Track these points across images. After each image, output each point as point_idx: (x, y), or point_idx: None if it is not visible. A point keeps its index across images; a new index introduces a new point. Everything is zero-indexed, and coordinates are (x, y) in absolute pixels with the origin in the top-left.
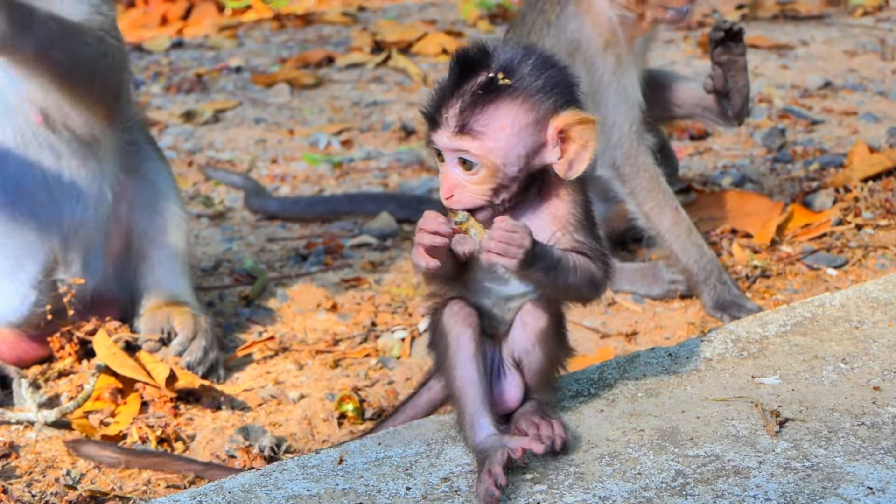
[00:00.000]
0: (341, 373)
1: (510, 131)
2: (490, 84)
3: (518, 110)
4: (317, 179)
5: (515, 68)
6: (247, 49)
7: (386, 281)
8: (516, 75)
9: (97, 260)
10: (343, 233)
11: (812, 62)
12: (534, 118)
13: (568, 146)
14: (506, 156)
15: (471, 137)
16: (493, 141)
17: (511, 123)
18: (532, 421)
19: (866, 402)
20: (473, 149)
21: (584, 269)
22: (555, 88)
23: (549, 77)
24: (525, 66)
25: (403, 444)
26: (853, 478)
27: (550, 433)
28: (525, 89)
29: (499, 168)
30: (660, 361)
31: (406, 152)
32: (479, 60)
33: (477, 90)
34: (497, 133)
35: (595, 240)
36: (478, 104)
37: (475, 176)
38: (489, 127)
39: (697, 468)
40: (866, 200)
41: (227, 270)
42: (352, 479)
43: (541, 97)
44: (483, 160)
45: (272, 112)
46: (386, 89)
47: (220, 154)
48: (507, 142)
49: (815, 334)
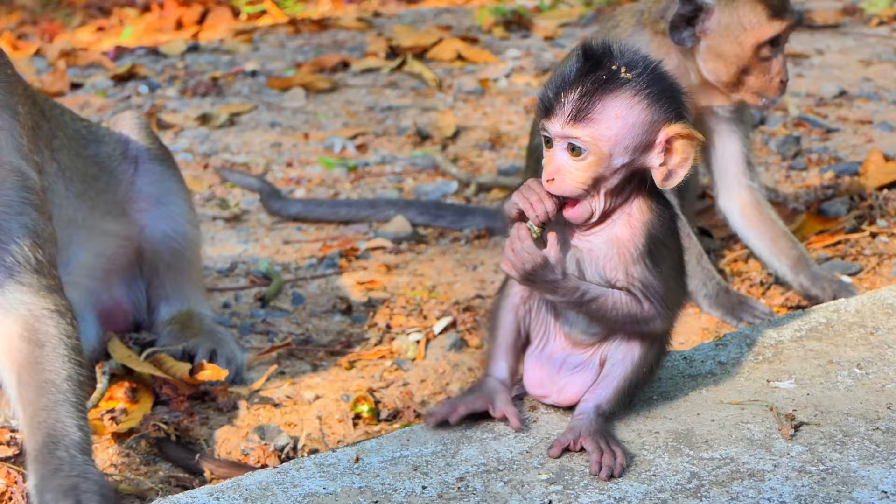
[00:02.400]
0: (356, 374)
1: (624, 122)
2: (613, 75)
3: (636, 105)
4: (332, 183)
5: (637, 68)
6: (262, 53)
7: (400, 284)
8: (640, 73)
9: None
10: (358, 236)
11: (827, 71)
12: (648, 118)
13: (670, 156)
14: (615, 145)
15: (584, 124)
16: (608, 129)
17: (627, 115)
18: (598, 444)
19: (881, 407)
20: (585, 135)
21: (622, 309)
22: (672, 98)
23: (666, 86)
24: (646, 69)
25: (420, 443)
26: (868, 482)
27: (612, 463)
28: (645, 89)
29: (606, 156)
30: (675, 365)
31: (421, 157)
32: (603, 54)
33: (599, 78)
34: (612, 121)
35: (654, 274)
36: (598, 92)
37: (582, 162)
38: (605, 114)
39: (712, 470)
40: (881, 208)
41: (243, 272)
42: (368, 478)
43: (658, 101)
44: (592, 146)
45: (287, 116)
46: (401, 94)
47: (235, 157)
48: (619, 131)
49: (831, 339)
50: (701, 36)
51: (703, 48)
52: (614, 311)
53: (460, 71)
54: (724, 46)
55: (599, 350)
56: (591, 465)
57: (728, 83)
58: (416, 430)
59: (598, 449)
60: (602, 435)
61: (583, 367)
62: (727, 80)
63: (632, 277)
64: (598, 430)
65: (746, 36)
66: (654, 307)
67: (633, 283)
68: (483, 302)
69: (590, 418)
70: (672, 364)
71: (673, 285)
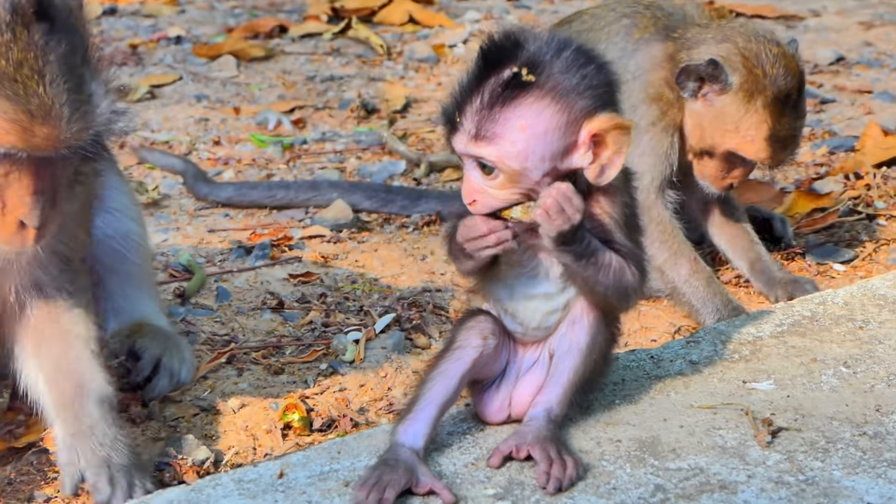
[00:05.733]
0: (287, 379)
1: (531, 133)
2: (512, 81)
3: (543, 110)
4: (265, 163)
5: (546, 63)
6: (188, 17)
7: (339, 277)
8: (546, 71)
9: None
10: (293, 223)
11: (824, 35)
12: (563, 120)
13: (601, 151)
14: (525, 160)
15: (487, 142)
16: (512, 144)
17: (533, 125)
18: (547, 453)
19: (869, 410)
20: (489, 154)
21: (616, 271)
22: (590, 88)
23: (586, 75)
24: (558, 61)
25: (352, 455)
26: (852, 493)
27: (561, 474)
28: (555, 88)
29: (519, 173)
30: (640, 365)
31: (365, 133)
32: (505, 53)
33: (497, 88)
34: (517, 135)
35: (634, 243)
36: (496, 104)
37: (495, 181)
38: (508, 128)
39: (679, 482)
40: (879, 188)
41: (162, 265)
42: (293, 495)
43: (573, 97)
44: (500, 165)
45: (216, 88)
46: (344, 62)
47: (155, 135)
48: (527, 145)
49: (815, 335)
50: (700, 98)
51: (696, 108)
52: (607, 269)
53: (412, 36)
54: (712, 126)
55: (546, 343)
56: (538, 476)
57: (692, 149)
58: (349, 440)
59: (546, 458)
60: (552, 442)
61: (533, 365)
62: (693, 147)
63: (616, 241)
64: (549, 436)
65: (732, 137)
66: (635, 274)
67: (618, 246)
68: (432, 296)
69: (539, 424)
70: (638, 364)
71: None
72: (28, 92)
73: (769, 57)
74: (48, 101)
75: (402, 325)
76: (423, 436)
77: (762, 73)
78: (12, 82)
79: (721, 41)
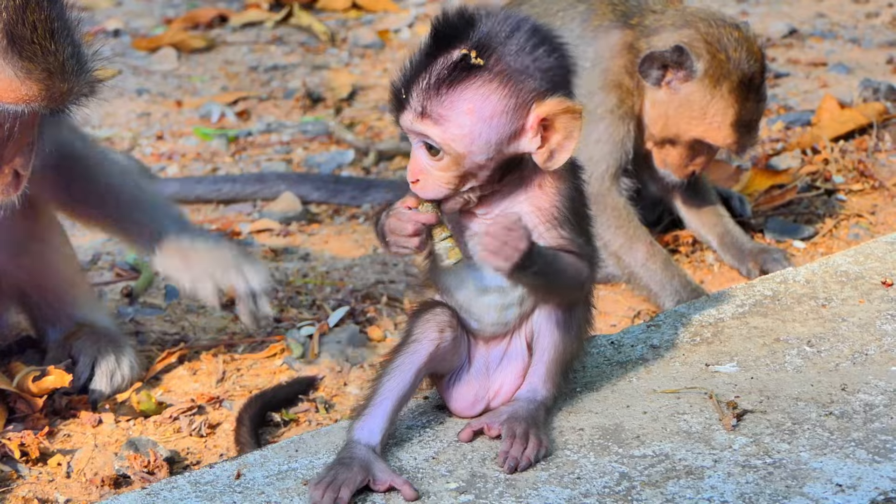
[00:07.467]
0: (240, 377)
1: (478, 117)
2: (461, 63)
3: (491, 94)
4: (209, 157)
5: (497, 45)
6: (126, 9)
7: (290, 270)
8: (496, 53)
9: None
10: (241, 217)
11: (776, 6)
12: (511, 104)
13: (550, 135)
14: (472, 143)
15: (432, 122)
16: (458, 127)
17: (480, 108)
18: (513, 431)
19: (835, 389)
20: (435, 135)
21: (574, 270)
22: (541, 71)
23: (537, 58)
24: (511, 42)
25: (310, 453)
26: (820, 474)
27: (518, 454)
28: (503, 71)
29: (464, 156)
30: (601, 351)
31: (312, 123)
32: (457, 32)
33: (444, 70)
34: (462, 118)
35: (583, 235)
36: (444, 85)
37: (440, 162)
38: (455, 110)
39: (644, 470)
40: (837, 162)
41: (108, 265)
42: (251, 496)
43: (523, 80)
44: (445, 147)
45: (157, 81)
46: (288, 51)
47: (96, 131)
48: (473, 128)
49: (777, 314)
50: (664, 86)
51: (658, 97)
52: (564, 274)
53: (356, 22)
54: (677, 114)
55: (518, 332)
56: (499, 455)
57: (653, 138)
58: (306, 438)
59: (510, 436)
60: (522, 421)
61: (509, 357)
62: (655, 136)
63: (564, 238)
64: (523, 416)
65: (698, 125)
66: (588, 265)
67: (568, 244)
68: (386, 288)
69: (519, 405)
70: (598, 350)
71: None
72: (45, 52)
73: (731, 41)
74: (61, 59)
75: (356, 319)
76: (379, 432)
77: (726, 58)
78: (31, 44)
79: (681, 27)
